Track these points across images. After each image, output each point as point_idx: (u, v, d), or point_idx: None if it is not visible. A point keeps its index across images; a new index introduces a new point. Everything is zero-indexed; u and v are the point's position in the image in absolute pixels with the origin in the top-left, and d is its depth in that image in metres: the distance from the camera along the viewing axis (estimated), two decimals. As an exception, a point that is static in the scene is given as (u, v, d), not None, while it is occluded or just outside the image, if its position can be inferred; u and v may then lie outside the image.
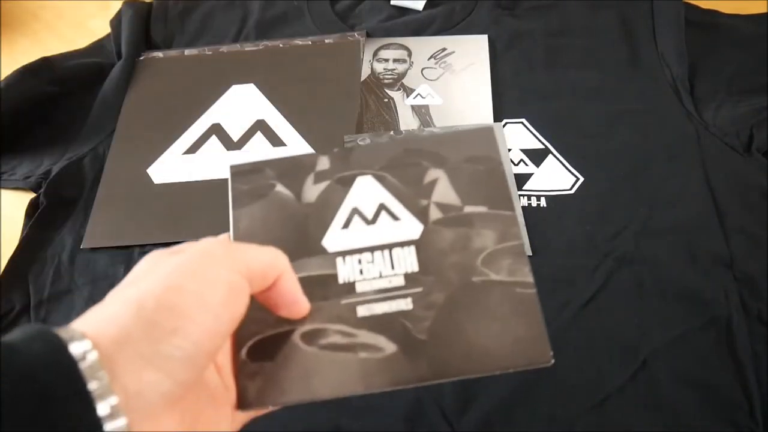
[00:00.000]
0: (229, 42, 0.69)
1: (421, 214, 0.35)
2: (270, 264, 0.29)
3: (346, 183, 0.36)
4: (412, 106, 0.61)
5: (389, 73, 0.64)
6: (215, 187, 0.57)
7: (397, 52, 0.65)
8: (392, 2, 0.69)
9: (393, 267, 0.33)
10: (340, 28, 0.68)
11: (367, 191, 0.35)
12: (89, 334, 0.24)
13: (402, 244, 0.34)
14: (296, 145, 0.59)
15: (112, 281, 0.53)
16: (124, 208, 0.57)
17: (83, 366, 0.22)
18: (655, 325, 0.46)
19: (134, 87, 0.65)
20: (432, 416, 0.44)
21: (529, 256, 0.50)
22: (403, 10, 0.69)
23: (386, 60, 0.65)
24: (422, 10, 0.68)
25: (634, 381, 0.44)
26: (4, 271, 0.54)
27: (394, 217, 0.35)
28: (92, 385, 0.22)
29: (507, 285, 0.32)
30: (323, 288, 0.33)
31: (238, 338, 0.31)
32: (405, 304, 0.32)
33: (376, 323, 0.32)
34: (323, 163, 0.37)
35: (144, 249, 0.54)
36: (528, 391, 0.44)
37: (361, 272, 0.33)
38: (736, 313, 0.46)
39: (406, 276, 0.33)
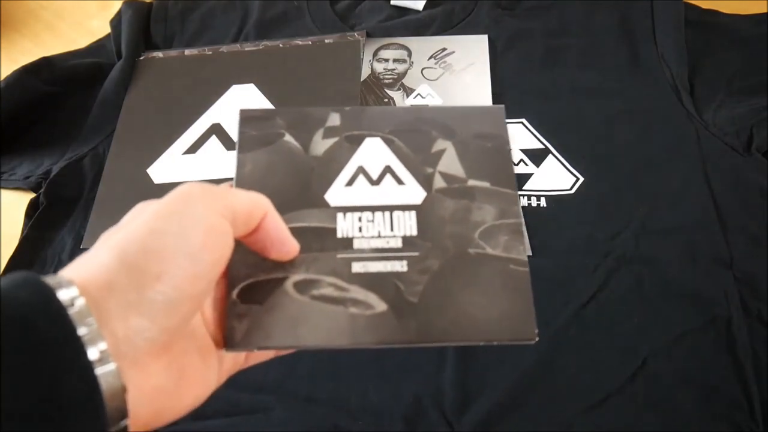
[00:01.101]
0: (229, 42, 0.69)
1: (426, 181, 0.35)
2: (253, 204, 0.29)
3: (355, 142, 0.36)
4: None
5: (389, 73, 0.64)
6: (215, 187, 0.57)
7: (397, 52, 0.65)
8: (392, 2, 0.69)
9: (392, 229, 0.34)
10: (340, 28, 0.68)
11: (374, 152, 0.36)
12: (76, 281, 0.24)
13: (403, 208, 0.34)
14: (296, 145, 0.59)
15: (112, 281, 0.53)
16: (124, 208, 0.56)
17: (72, 312, 0.22)
18: (655, 325, 0.46)
19: (134, 87, 0.65)
20: (432, 416, 0.44)
21: (529, 256, 0.50)
22: (403, 10, 0.69)
23: (386, 60, 0.65)
24: (422, 10, 0.68)
25: (634, 381, 0.44)
26: (4, 271, 0.54)
27: (399, 181, 0.35)
28: (81, 331, 0.22)
29: (501, 260, 0.33)
30: (321, 240, 0.33)
31: (231, 280, 0.31)
32: (400, 266, 0.33)
33: (369, 281, 0.32)
34: (334, 119, 0.37)
35: (144, 249, 0.54)
36: (528, 391, 0.44)
37: (360, 230, 0.34)
38: (736, 313, 0.46)
39: (404, 239, 0.33)
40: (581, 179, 0.54)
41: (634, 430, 0.43)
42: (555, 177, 0.55)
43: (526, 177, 0.55)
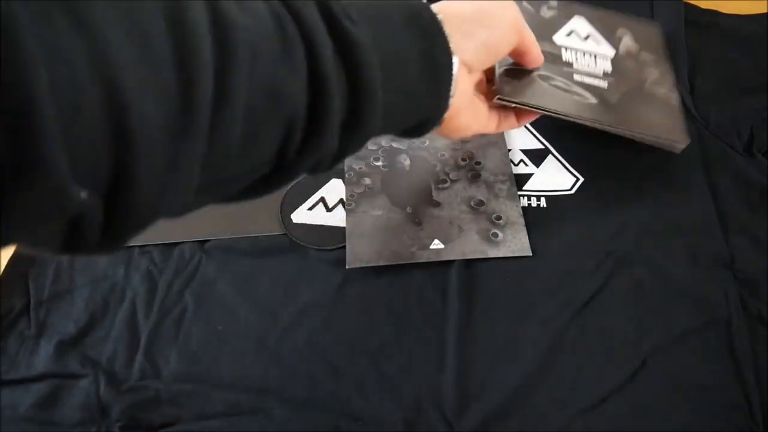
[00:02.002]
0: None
1: (614, 45, 0.56)
2: (520, 20, 0.42)
3: (568, 16, 0.58)
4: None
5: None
6: (215, 187, 0.57)
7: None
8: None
9: (596, 65, 0.54)
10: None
11: (581, 24, 0.57)
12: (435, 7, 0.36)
13: (603, 56, 0.55)
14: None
15: (112, 281, 0.53)
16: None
17: (440, 18, 0.35)
18: (654, 325, 0.46)
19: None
20: (432, 417, 0.44)
21: (528, 256, 0.50)
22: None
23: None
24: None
25: (634, 381, 0.44)
26: (4, 271, 0.54)
27: (598, 42, 0.56)
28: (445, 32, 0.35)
29: (663, 98, 0.53)
30: (553, 59, 0.52)
31: (499, 64, 0.47)
32: (603, 84, 0.52)
33: (585, 86, 0.52)
34: (553, 4, 0.58)
35: (144, 249, 0.54)
36: (528, 391, 0.44)
37: (576, 59, 0.54)
38: (736, 313, 0.46)
39: (604, 72, 0.53)
40: (581, 179, 0.54)
41: (634, 430, 0.43)
42: (555, 177, 0.55)
43: (526, 177, 0.55)
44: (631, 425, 0.43)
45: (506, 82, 0.46)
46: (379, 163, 0.57)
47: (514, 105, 0.46)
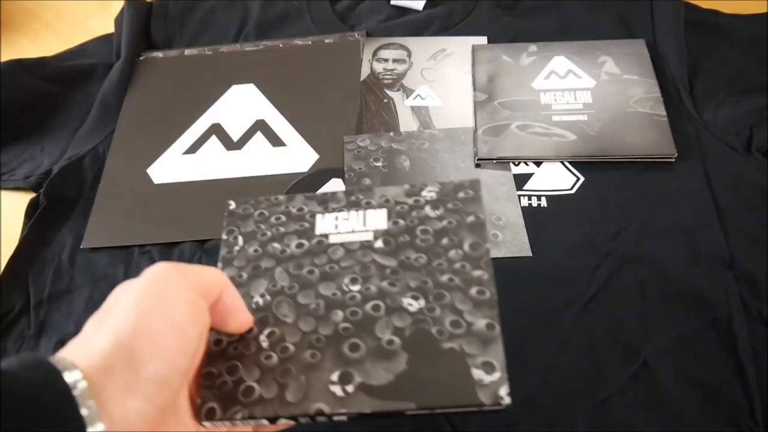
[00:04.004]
0: (229, 42, 0.69)
1: (595, 75, 0.59)
2: (214, 278, 0.32)
3: (548, 58, 0.61)
4: (412, 107, 0.61)
5: (389, 73, 0.64)
6: (215, 187, 0.57)
7: (397, 52, 0.65)
8: (392, 2, 0.69)
9: (576, 99, 0.57)
10: (340, 28, 0.68)
11: (560, 63, 0.60)
12: (78, 365, 0.25)
13: (582, 89, 0.58)
14: (296, 145, 0.59)
15: (112, 281, 0.53)
16: (124, 208, 0.57)
17: (75, 394, 0.24)
18: (655, 325, 0.46)
19: (134, 87, 0.65)
20: (434, 417, 0.44)
21: (528, 256, 0.50)
22: (403, 10, 0.69)
23: (386, 60, 0.65)
24: (422, 10, 0.68)
25: (634, 381, 0.44)
26: (4, 271, 0.54)
27: (578, 76, 0.59)
28: (83, 412, 0.24)
29: (648, 115, 0.55)
30: (531, 107, 0.57)
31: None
32: (583, 117, 0.55)
33: (564, 124, 0.55)
34: (532, 49, 0.62)
35: (143, 249, 0.54)
36: (528, 391, 0.44)
37: (555, 100, 0.57)
38: (736, 313, 0.46)
39: (584, 104, 0.56)
40: (581, 179, 0.54)
41: (634, 430, 0.43)
42: (555, 177, 0.55)
43: (526, 177, 0.55)
44: (631, 425, 0.43)
45: (216, 387, 0.33)
46: (379, 164, 0.57)
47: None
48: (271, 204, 0.41)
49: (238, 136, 0.61)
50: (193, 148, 0.60)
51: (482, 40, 0.65)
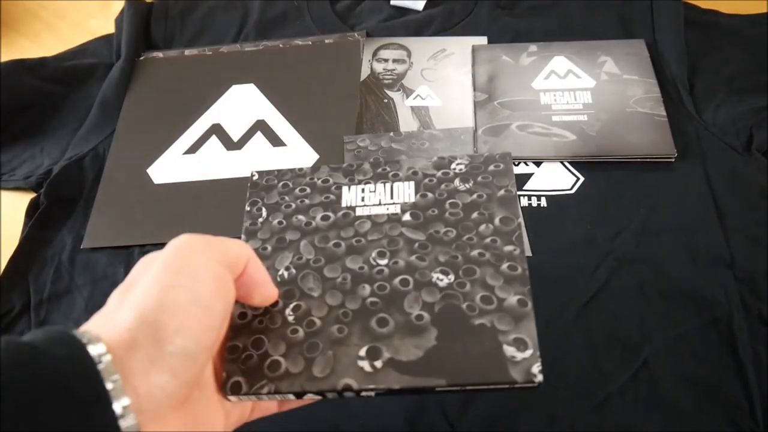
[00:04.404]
0: (229, 42, 0.69)
1: (595, 75, 0.59)
2: (240, 251, 0.31)
3: (548, 58, 0.61)
4: (412, 107, 0.61)
5: (389, 73, 0.64)
6: (215, 187, 0.57)
7: (397, 52, 0.65)
8: (392, 2, 0.69)
9: (575, 99, 0.57)
10: (340, 28, 0.68)
11: (560, 63, 0.60)
12: (102, 338, 0.25)
13: (582, 89, 0.58)
14: (296, 145, 0.59)
15: (112, 281, 0.53)
16: (124, 208, 0.57)
17: (100, 368, 0.24)
18: (655, 325, 0.46)
19: (134, 87, 0.65)
20: (432, 416, 0.44)
21: (528, 256, 0.50)
22: (403, 11, 0.69)
23: (386, 60, 0.65)
24: (422, 11, 0.68)
25: (634, 381, 0.44)
26: (5, 271, 0.54)
27: (578, 76, 0.59)
28: (108, 386, 0.24)
29: (648, 115, 0.55)
30: (531, 107, 0.57)
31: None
32: (582, 118, 0.55)
33: (563, 124, 0.55)
34: (532, 49, 0.62)
35: (144, 249, 0.54)
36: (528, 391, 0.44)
37: (555, 100, 0.57)
38: (736, 312, 0.46)
39: (584, 104, 0.56)
40: (581, 179, 0.54)
41: (635, 430, 0.43)
42: (555, 177, 0.55)
43: (526, 177, 0.55)
44: (631, 425, 0.43)
45: (241, 360, 0.33)
46: None
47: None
48: (295, 175, 0.41)
49: (238, 136, 0.61)
50: (193, 149, 0.60)
51: (482, 40, 0.65)
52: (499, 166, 0.39)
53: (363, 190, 0.39)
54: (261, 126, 0.61)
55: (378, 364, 0.32)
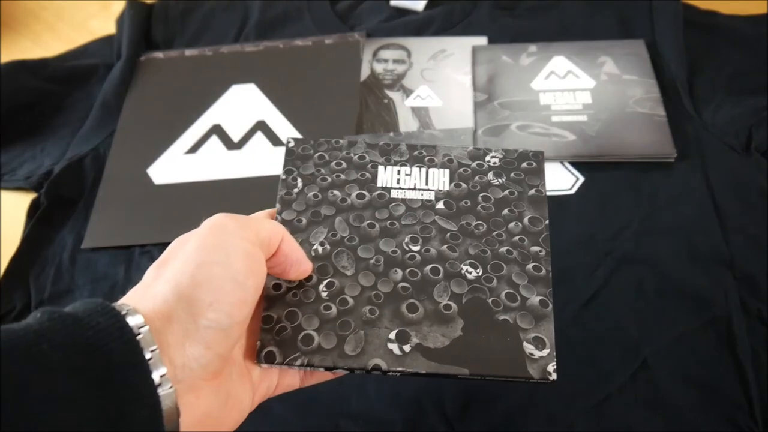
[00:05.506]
0: (229, 42, 0.69)
1: (595, 76, 0.59)
2: (273, 231, 0.32)
3: (548, 58, 0.61)
4: (412, 108, 0.61)
5: (389, 73, 0.64)
6: (216, 187, 0.57)
7: (397, 52, 0.65)
8: (392, 3, 0.69)
9: (575, 99, 0.57)
10: (340, 29, 0.68)
11: (560, 63, 0.61)
12: (140, 310, 0.26)
13: (582, 90, 0.58)
14: (296, 145, 0.59)
15: (112, 281, 0.53)
16: (125, 208, 0.57)
17: (139, 339, 0.25)
18: (655, 325, 0.46)
19: (135, 87, 0.65)
20: (432, 417, 0.44)
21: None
22: (403, 11, 0.69)
23: (386, 60, 0.65)
24: (422, 11, 0.69)
25: (634, 381, 0.45)
26: (5, 270, 0.54)
27: (578, 76, 0.59)
28: (147, 356, 0.25)
29: (647, 115, 0.55)
30: (530, 107, 0.57)
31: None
32: (582, 118, 0.55)
33: (564, 124, 0.56)
34: (532, 49, 0.62)
35: (144, 249, 0.54)
36: (528, 391, 0.44)
37: (554, 100, 0.57)
38: (736, 313, 0.46)
39: (584, 105, 0.55)
40: (581, 179, 0.54)
41: (635, 430, 0.43)
42: (555, 177, 0.55)
43: (526, 177, 0.55)
44: (631, 425, 0.43)
45: (275, 332, 0.34)
46: None
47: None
48: (332, 147, 0.41)
49: (238, 136, 0.61)
50: (193, 149, 0.60)
51: (482, 40, 0.65)
52: (531, 164, 0.40)
53: (399, 172, 0.39)
54: (261, 126, 0.61)
55: (406, 348, 0.33)
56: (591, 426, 0.43)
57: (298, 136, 0.60)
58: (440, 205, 0.38)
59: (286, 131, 0.61)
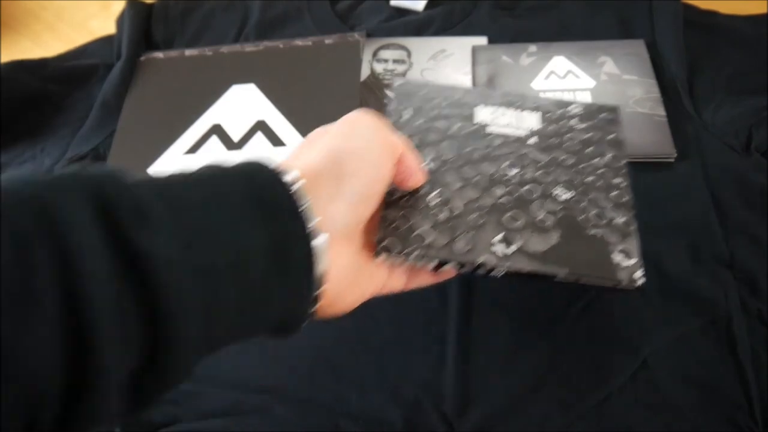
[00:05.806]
0: (229, 42, 0.69)
1: (595, 76, 0.59)
2: (400, 138, 0.36)
3: (548, 58, 0.61)
4: (412, 107, 0.61)
5: (389, 73, 0.64)
6: (215, 187, 0.57)
7: (397, 52, 0.65)
8: (392, 3, 0.69)
9: (575, 99, 0.56)
10: (340, 29, 0.68)
11: (560, 63, 0.60)
12: (293, 169, 0.29)
13: (582, 90, 0.58)
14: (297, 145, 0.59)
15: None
16: (125, 208, 0.57)
17: (294, 188, 0.28)
18: (655, 325, 0.46)
19: (135, 87, 0.65)
20: (432, 417, 0.44)
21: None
22: (403, 11, 0.69)
23: (386, 60, 0.65)
24: (422, 11, 0.69)
25: (634, 381, 0.44)
26: (5, 271, 0.54)
27: (578, 76, 0.59)
28: (303, 203, 0.28)
29: (647, 115, 0.55)
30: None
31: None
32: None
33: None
34: (532, 49, 0.62)
35: (144, 249, 0.54)
36: (528, 391, 0.44)
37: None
38: (736, 313, 0.46)
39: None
40: (581, 179, 0.54)
41: (635, 430, 0.43)
42: (555, 177, 0.55)
43: (526, 177, 0.55)
44: (631, 425, 0.43)
45: (391, 229, 0.37)
46: None
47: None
48: (435, 89, 0.46)
49: (238, 136, 0.61)
50: (193, 149, 0.60)
51: (482, 40, 0.65)
52: (609, 116, 0.45)
53: (493, 112, 0.44)
54: (261, 126, 0.61)
55: (510, 250, 0.37)
56: (591, 426, 0.43)
57: (300, 136, 0.60)
58: (532, 140, 0.43)
59: (286, 131, 0.61)
